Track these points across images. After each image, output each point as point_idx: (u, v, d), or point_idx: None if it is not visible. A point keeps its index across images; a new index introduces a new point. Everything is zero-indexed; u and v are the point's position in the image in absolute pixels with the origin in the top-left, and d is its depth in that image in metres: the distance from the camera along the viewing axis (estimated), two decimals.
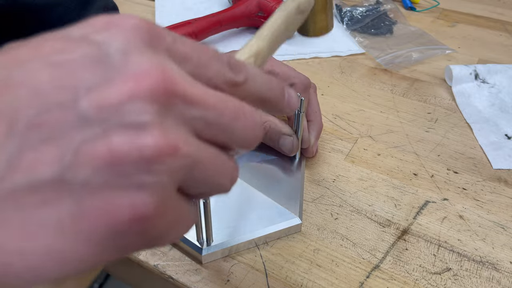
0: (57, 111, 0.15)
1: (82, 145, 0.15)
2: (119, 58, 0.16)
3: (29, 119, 0.15)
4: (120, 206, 0.15)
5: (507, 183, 0.48)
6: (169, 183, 0.16)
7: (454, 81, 0.62)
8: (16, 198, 0.15)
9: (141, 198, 0.15)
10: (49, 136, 0.15)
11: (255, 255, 0.39)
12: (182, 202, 0.18)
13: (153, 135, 0.15)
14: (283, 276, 0.38)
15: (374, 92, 0.62)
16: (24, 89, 0.15)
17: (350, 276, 0.38)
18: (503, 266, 0.39)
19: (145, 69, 0.16)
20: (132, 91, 0.15)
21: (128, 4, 0.85)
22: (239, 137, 0.19)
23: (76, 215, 0.15)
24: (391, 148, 0.52)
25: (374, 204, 0.45)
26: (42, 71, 0.15)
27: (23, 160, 0.15)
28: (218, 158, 0.19)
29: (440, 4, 0.85)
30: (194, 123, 0.17)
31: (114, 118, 0.15)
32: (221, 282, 0.37)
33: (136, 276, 0.41)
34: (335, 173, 0.48)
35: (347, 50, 0.71)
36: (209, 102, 0.18)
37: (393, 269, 0.39)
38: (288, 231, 0.41)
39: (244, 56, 0.25)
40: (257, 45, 0.25)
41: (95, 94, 0.15)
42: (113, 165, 0.15)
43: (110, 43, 0.16)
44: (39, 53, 0.16)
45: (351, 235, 0.41)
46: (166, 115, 0.16)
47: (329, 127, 0.55)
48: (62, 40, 0.17)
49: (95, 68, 0.16)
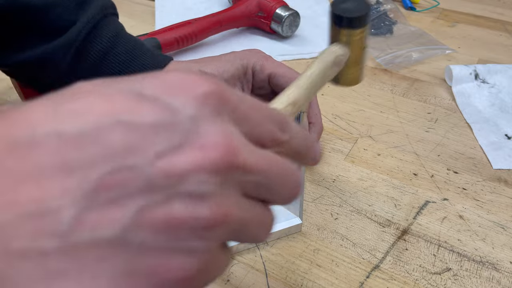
0: (127, 173, 0.16)
1: (145, 209, 0.16)
2: (190, 126, 0.16)
3: (101, 178, 0.15)
4: (170, 267, 0.16)
5: (507, 183, 0.48)
6: (216, 245, 0.18)
7: (454, 81, 0.62)
8: (77, 251, 0.15)
9: (190, 261, 0.17)
10: (116, 197, 0.15)
11: (255, 255, 0.39)
12: (221, 256, 0.19)
13: (211, 207, 0.16)
14: (283, 276, 0.38)
15: (374, 92, 0.62)
16: (98, 147, 0.15)
17: (350, 276, 0.38)
18: (503, 266, 0.39)
19: (213, 141, 0.17)
20: (199, 162, 0.16)
21: (128, 4, 0.85)
22: (283, 195, 0.20)
23: (128, 272, 0.16)
24: (391, 148, 0.52)
25: (374, 204, 0.45)
26: (116, 130, 0.16)
27: (89, 217, 0.15)
28: (262, 215, 0.20)
29: (440, 4, 0.85)
30: (247, 186, 0.18)
31: (178, 186, 0.16)
32: (221, 282, 0.37)
33: None
34: (335, 173, 0.48)
35: None
36: (263, 167, 0.19)
37: (393, 269, 0.39)
38: (288, 231, 0.41)
39: (283, 105, 0.26)
40: (295, 94, 0.27)
41: (165, 162, 0.16)
42: (170, 230, 0.16)
43: (182, 110, 0.17)
44: (112, 109, 0.16)
45: (351, 235, 0.41)
46: (225, 184, 0.17)
47: (329, 127, 0.55)
48: (135, 97, 0.17)
49: (166, 133, 0.16)
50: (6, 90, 0.61)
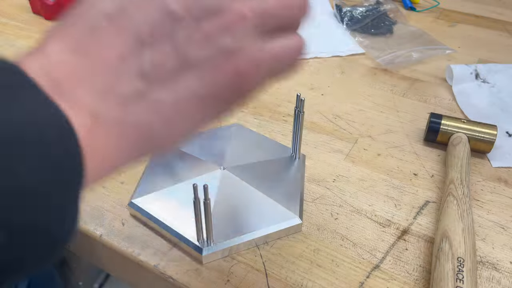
0: (160, 18, 0.20)
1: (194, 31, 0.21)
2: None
3: (147, 29, 0.20)
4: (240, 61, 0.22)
5: (507, 183, 0.48)
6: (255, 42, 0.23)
7: (455, 81, 0.62)
8: (165, 84, 0.21)
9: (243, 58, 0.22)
10: (162, 37, 0.20)
11: (255, 255, 0.39)
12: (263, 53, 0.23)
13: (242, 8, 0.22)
14: (283, 276, 0.38)
15: (374, 92, 0.62)
16: (140, 12, 0.20)
17: (350, 276, 0.38)
18: (503, 266, 0.39)
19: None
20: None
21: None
22: (294, 15, 0.25)
23: (205, 83, 0.21)
24: (391, 148, 0.52)
25: (374, 204, 0.45)
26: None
27: (153, 60, 0.20)
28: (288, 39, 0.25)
29: (440, 4, 0.85)
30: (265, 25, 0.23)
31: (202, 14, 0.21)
32: (221, 282, 0.37)
33: (136, 276, 0.41)
34: (335, 173, 0.48)
35: (347, 50, 0.71)
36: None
37: (393, 269, 0.39)
38: (288, 231, 0.41)
39: None
40: None
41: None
42: (224, 33, 0.21)
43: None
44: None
45: (351, 235, 0.41)
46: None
47: (329, 127, 0.55)
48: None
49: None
50: None
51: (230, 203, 0.42)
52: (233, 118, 0.56)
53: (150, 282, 0.40)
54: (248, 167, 0.46)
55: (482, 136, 0.49)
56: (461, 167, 0.46)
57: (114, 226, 0.42)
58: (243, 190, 0.43)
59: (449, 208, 0.41)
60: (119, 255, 0.40)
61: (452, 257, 0.36)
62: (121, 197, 0.45)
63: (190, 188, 0.34)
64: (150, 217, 0.41)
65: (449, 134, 0.51)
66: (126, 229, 0.41)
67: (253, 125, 0.55)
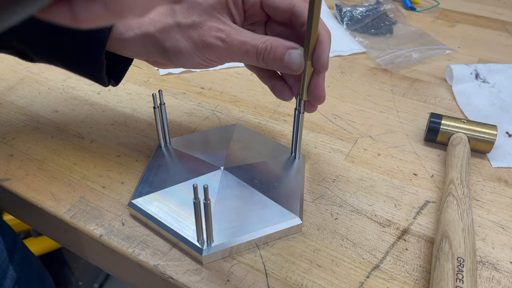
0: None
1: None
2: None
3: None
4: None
5: (507, 183, 0.48)
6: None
7: (455, 81, 0.62)
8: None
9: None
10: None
11: (255, 255, 0.39)
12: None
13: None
14: (283, 276, 0.38)
15: (374, 92, 0.62)
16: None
17: (350, 276, 0.38)
18: (503, 266, 0.39)
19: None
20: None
21: None
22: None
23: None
24: (391, 148, 0.52)
25: (374, 204, 0.45)
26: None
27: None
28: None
29: (440, 4, 0.85)
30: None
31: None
32: (221, 282, 0.37)
33: (136, 276, 0.41)
34: (335, 173, 0.48)
35: (348, 50, 0.71)
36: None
37: (393, 269, 0.39)
38: (288, 231, 0.41)
39: None
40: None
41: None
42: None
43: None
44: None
45: (351, 235, 0.41)
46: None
47: (329, 127, 0.55)
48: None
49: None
50: (6, 90, 0.61)
51: (230, 203, 0.42)
52: (233, 118, 0.56)
53: (150, 282, 0.40)
54: (248, 167, 0.46)
55: (482, 136, 0.49)
56: (461, 167, 0.46)
57: (114, 226, 0.42)
58: (243, 190, 0.43)
59: (449, 208, 0.41)
60: (119, 255, 0.40)
61: (452, 257, 0.36)
62: (121, 197, 0.45)
63: (190, 188, 0.34)
64: (150, 217, 0.41)
65: (449, 134, 0.51)
66: (126, 229, 0.41)
67: (253, 125, 0.55)
